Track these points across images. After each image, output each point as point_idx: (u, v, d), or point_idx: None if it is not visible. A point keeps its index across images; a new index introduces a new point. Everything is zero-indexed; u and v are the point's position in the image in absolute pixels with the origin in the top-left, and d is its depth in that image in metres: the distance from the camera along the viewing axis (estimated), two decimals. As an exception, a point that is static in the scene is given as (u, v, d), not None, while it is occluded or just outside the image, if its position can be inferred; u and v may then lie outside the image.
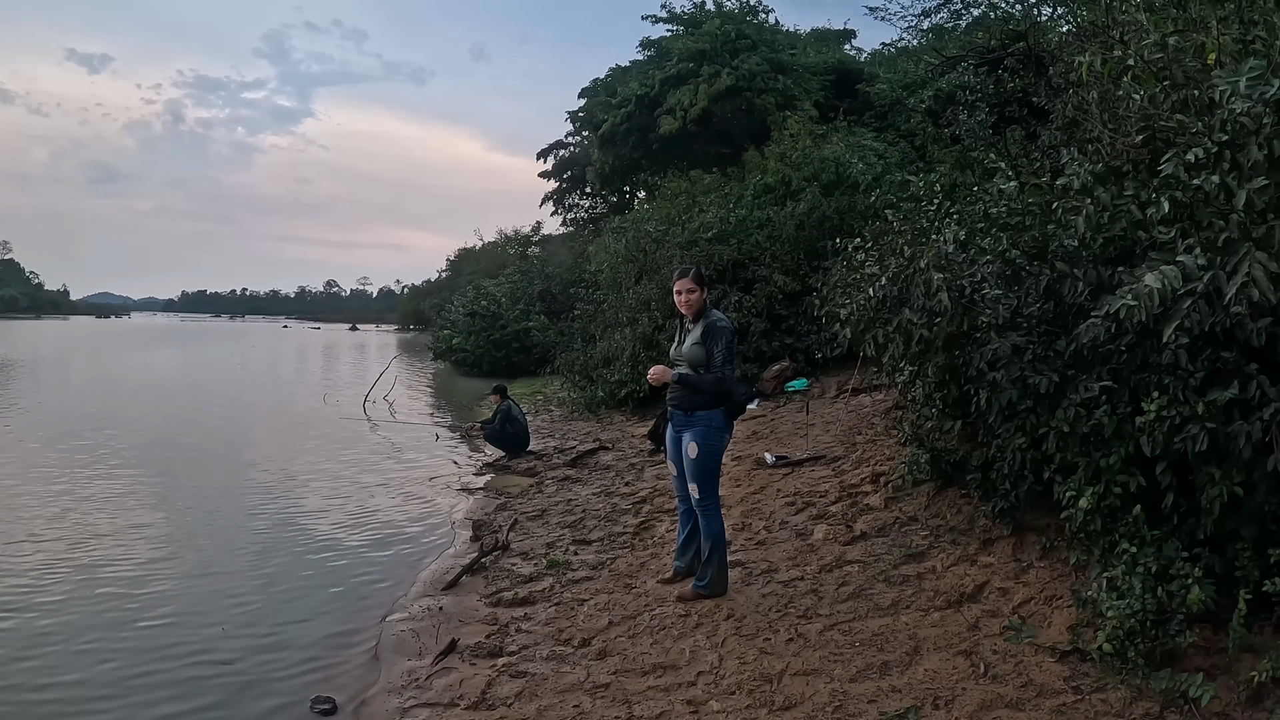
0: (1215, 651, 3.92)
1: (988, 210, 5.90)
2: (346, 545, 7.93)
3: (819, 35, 33.21)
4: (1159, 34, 4.51)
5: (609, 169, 30.27)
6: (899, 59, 23.67)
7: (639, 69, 30.14)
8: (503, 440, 12.37)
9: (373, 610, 6.22)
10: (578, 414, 16.10)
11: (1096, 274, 4.71)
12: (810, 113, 21.34)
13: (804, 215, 14.84)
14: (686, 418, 5.48)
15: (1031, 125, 10.57)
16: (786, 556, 6.22)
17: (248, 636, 5.72)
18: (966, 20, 19.88)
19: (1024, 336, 5.02)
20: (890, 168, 15.89)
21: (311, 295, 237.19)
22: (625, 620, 5.44)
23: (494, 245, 48.80)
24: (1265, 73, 3.60)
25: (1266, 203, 3.47)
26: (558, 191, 42.14)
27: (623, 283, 17.22)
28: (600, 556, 6.95)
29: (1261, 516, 3.97)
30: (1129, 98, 4.70)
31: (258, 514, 9.00)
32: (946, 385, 5.94)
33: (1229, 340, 3.94)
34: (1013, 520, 5.55)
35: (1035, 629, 4.53)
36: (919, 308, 5.34)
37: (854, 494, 7.22)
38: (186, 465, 11.67)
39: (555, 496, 9.47)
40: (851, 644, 4.67)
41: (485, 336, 28.12)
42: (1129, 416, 4.33)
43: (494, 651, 5.16)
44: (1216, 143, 3.69)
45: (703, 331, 5.43)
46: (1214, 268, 3.50)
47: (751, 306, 14.31)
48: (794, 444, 9.59)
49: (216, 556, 7.43)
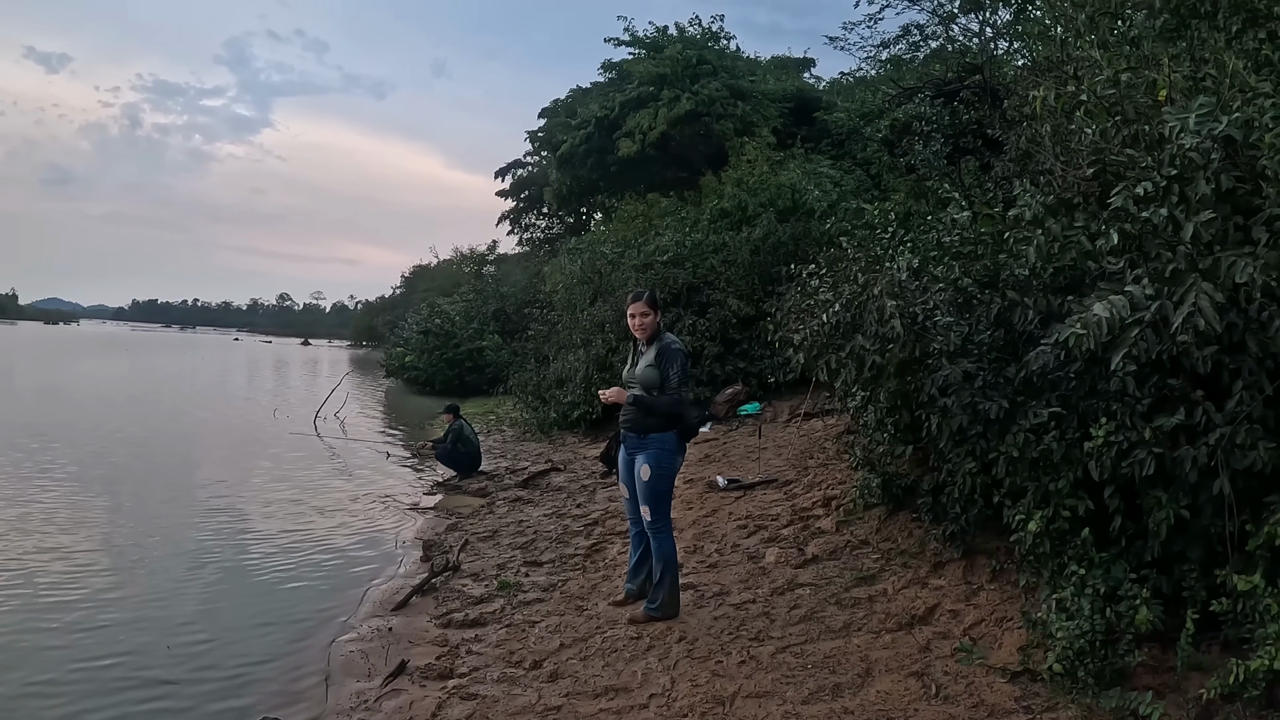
0: (1164, 670, 3.98)
1: (941, 239, 5.98)
2: (295, 564, 7.78)
3: (779, 63, 33.62)
4: (1112, 70, 4.62)
5: (567, 190, 30.30)
6: (857, 88, 24.07)
7: (599, 91, 30.29)
8: (454, 460, 12.27)
9: (321, 631, 6.11)
10: (530, 435, 16.03)
11: (1046, 302, 4.80)
12: (768, 139, 21.54)
13: (759, 240, 14.95)
14: (639, 440, 5.48)
15: (985, 156, 10.79)
16: (738, 579, 6.22)
17: (193, 657, 5.58)
18: (924, 52, 20.29)
19: (975, 363, 5.09)
20: (846, 195, 16.10)
21: (264, 308, 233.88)
22: (577, 642, 5.40)
23: (449, 263, 48.68)
24: (1214, 110, 3.70)
25: (1213, 235, 3.56)
26: (515, 211, 42.14)
27: (577, 304, 17.22)
28: (552, 578, 6.90)
29: (1208, 538, 4.05)
30: (1081, 132, 4.80)
31: (205, 532, 8.80)
32: (898, 410, 5.99)
33: (1176, 368, 4.03)
34: (963, 543, 5.60)
35: (986, 650, 4.57)
36: (872, 334, 5.39)
37: (806, 517, 7.24)
38: (132, 481, 11.38)
39: (507, 517, 9.39)
40: (804, 666, 4.67)
41: (438, 355, 27.97)
42: (1077, 442, 4.40)
43: (444, 673, 5.09)
44: (1165, 177, 3.78)
45: (657, 354, 5.44)
46: (1161, 298, 3.58)
47: (706, 330, 14.35)
48: (746, 467, 9.62)
49: (161, 576, 7.24)
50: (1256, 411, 3.76)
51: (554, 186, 31.03)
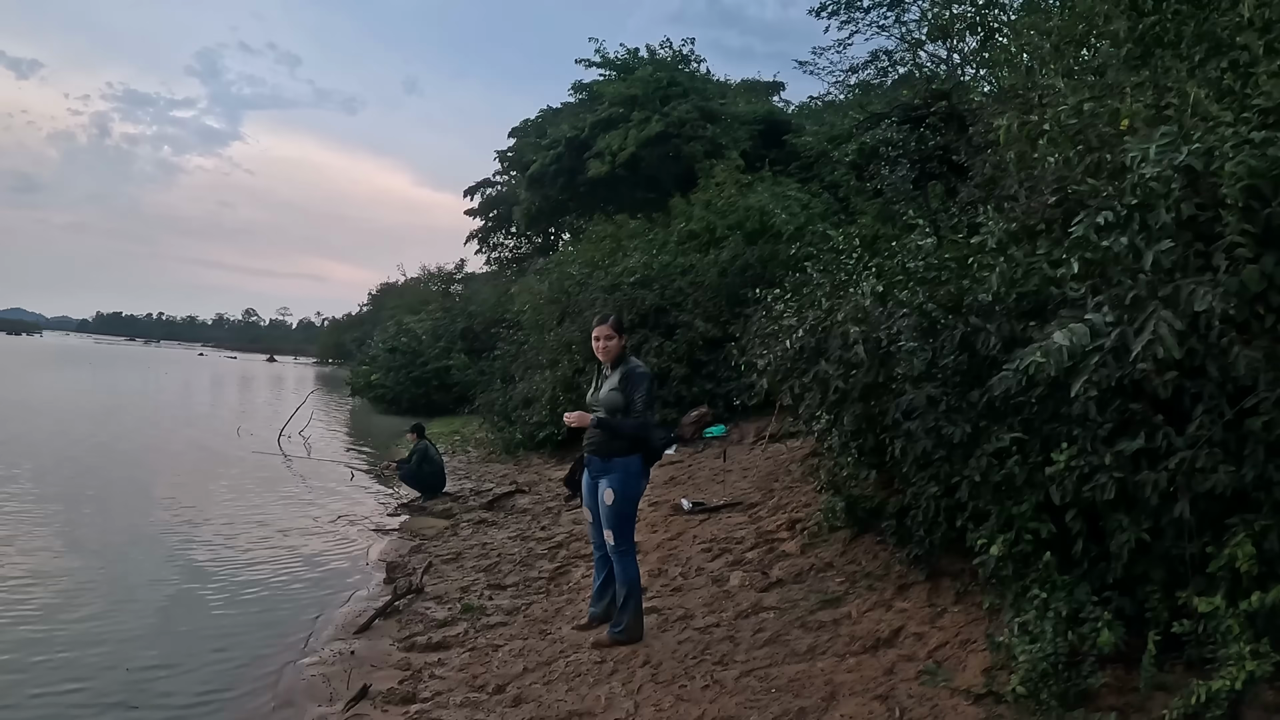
0: (1127, 691, 3.99)
1: (906, 264, 6.03)
2: (257, 586, 7.69)
3: (749, 86, 33.96)
4: (1075, 100, 4.69)
5: (535, 209, 30.35)
6: (825, 112, 24.31)
7: (570, 111, 30.41)
8: (419, 480, 12.17)
9: (283, 654, 6.04)
10: (495, 455, 15.97)
11: (1010, 328, 4.83)
12: (737, 161, 21.69)
13: (727, 263, 15.04)
14: (604, 463, 5.46)
15: (951, 182, 10.88)
16: (703, 603, 6.19)
17: (153, 681, 5.50)
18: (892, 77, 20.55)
19: (939, 388, 5.11)
20: (814, 218, 16.21)
21: (229, 323, 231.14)
22: (540, 666, 5.35)
23: (417, 281, 48.42)
24: (1176, 139, 3.75)
25: (1173, 263, 3.60)
26: (483, 230, 42.12)
27: (544, 324, 17.21)
28: (515, 601, 6.85)
29: (1169, 560, 4.08)
30: (1044, 160, 4.86)
31: (165, 553, 8.67)
32: (863, 434, 6.01)
33: (1137, 392, 4.07)
34: (927, 566, 5.61)
35: (950, 672, 4.57)
36: (836, 359, 5.41)
37: (770, 540, 7.24)
38: (93, 500, 11.20)
39: (471, 539, 9.33)
40: (768, 690, 4.65)
41: (405, 373, 27.84)
42: (1040, 466, 4.43)
43: (407, 698, 5.04)
44: (1126, 205, 3.82)
45: (621, 378, 5.43)
46: (1121, 325, 3.61)
47: (672, 352, 14.38)
48: (711, 490, 9.61)
49: (121, 597, 7.12)
50: (1217, 435, 3.80)
51: (523, 206, 31.07)
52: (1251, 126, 3.77)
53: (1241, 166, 3.50)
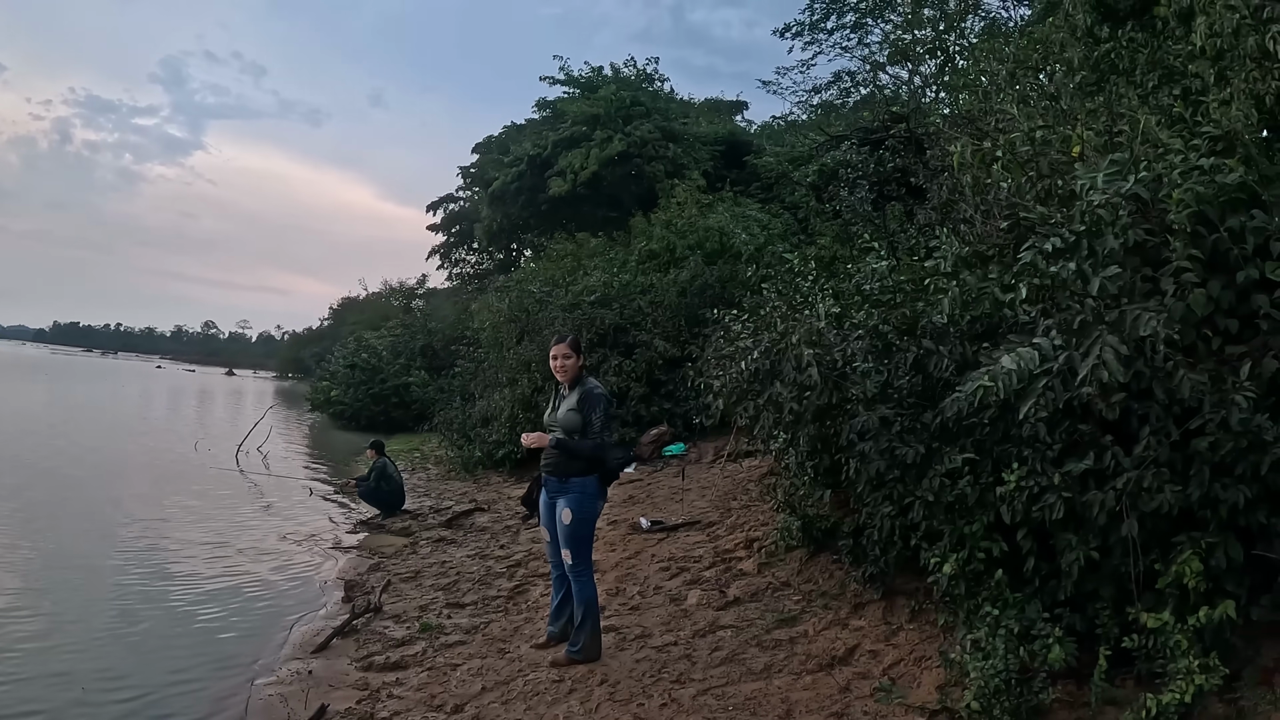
0: (1079, 705, 4.07)
1: (861, 286, 6.11)
2: (214, 605, 7.58)
3: (712, 105, 34.27)
4: (1029, 126, 4.79)
5: (497, 226, 30.34)
6: (787, 133, 24.55)
7: (533, 128, 30.49)
8: (377, 498, 12.08)
9: (240, 673, 5.97)
10: (455, 473, 15.88)
11: (962, 350, 4.93)
12: (698, 181, 21.84)
13: (686, 283, 15.12)
14: (561, 484, 5.46)
15: (909, 204, 11.02)
16: (660, 621, 6.21)
17: (108, 700, 5.42)
18: (854, 98, 20.82)
19: (892, 409, 5.19)
20: (773, 238, 16.35)
21: (188, 335, 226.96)
22: (499, 686, 5.34)
23: (378, 296, 48.11)
24: (1124, 168, 3.86)
25: (1120, 288, 3.70)
26: (445, 245, 41.99)
27: (504, 342, 17.16)
28: (474, 620, 6.83)
29: (1118, 577, 4.16)
30: (998, 185, 4.96)
31: (121, 571, 8.52)
32: (818, 454, 6.08)
33: (1086, 414, 4.17)
34: (882, 585, 5.67)
35: (905, 689, 4.62)
36: (790, 381, 5.46)
37: (728, 559, 7.27)
38: (47, 516, 10.96)
39: (430, 558, 9.28)
40: (725, 708, 4.67)
41: (364, 390, 27.61)
42: (991, 486, 4.51)
43: (365, 717, 5.02)
44: (1075, 232, 3.92)
45: (579, 399, 5.45)
46: (1069, 349, 3.70)
47: (631, 371, 14.41)
48: (670, 509, 9.64)
49: (76, 616, 7.00)
50: (1163, 456, 3.89)
51: (485, 223, 31.04)
52: (1201, 153, 3.90)
53: (1189, 194, 3.61)
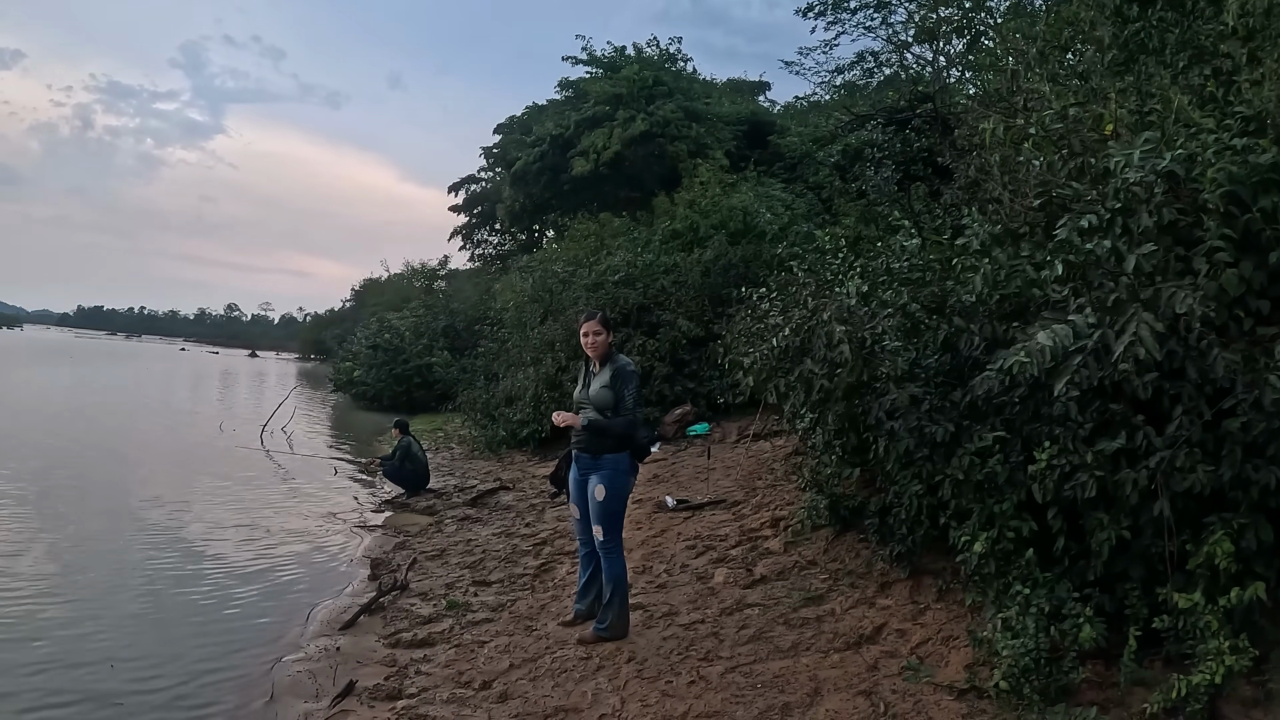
0: (1108, 686, 4.06)
1: (890, 265, 6.07)
2: (240, 582, 7.64)
3: (734, 86, 34.04)
4: (1060, 104, 4.74)
5: (519, 207, 30.30)
6: (810, 113, 24.36)
7: (555, 109, 30.38)
8: (402, 477, 12.15)
9: (268, 650, 6.01)
10: (479, 452, 15.93)
11: (992, 329, 4.90)
12: (721, 161, 21.73)
13: (710, 262, 15.06)
14: (593, 461, 5.48)
15: (935, 184, 10.93)
16: (687, 599, 6.23)
17: (138, 676, 5.47)
18: (878, 78, 20.62)
19: (922, 387, 5.16)
20: (797, 218, 16.27)
21: (211, 318, 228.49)
22: (526, 663, 5.37)
23: (400, 277, 48.18)
24: (1158, 145, 3.81)
25: (1154, 266, 3.67)
26: (467, 226, 41.98)
27: (527, 322, 17.18)
28: (500, 598, 6.87)
29: (1149, 558, 4.15)
30: (1029, 163, 4.91)
31: (149, 550, 8.59)
32: (846, 433, 6.06)
33: (1117, 393, 4.14)
34: (910, 564, 5.67)
35: (933, 668, 4.62)
36: (820, 358, 5.45)
37: (754, 538, 7.28)
38: (75, 497, 11.05)
39: (455, 536, 9.33)
40: (752, 686, 4.69)
41: (387, 370, 27.69)
42: (1021, 465, 4.50)
43: (393, 694, 5.05)
44: (1109, 209, 3.89)
45: (612, 375, 5.45)
46: (1103, 326, 3.67)
47: (655, 350, 14.39)
48: (695, 488, 9.65)
49: (105, 594, 7.07)
50: (1195, 436, 3.86)
51: (507, 203, 30.99)
52: (1233, 133, 3.84)
53: (1222, 173, 3.56)
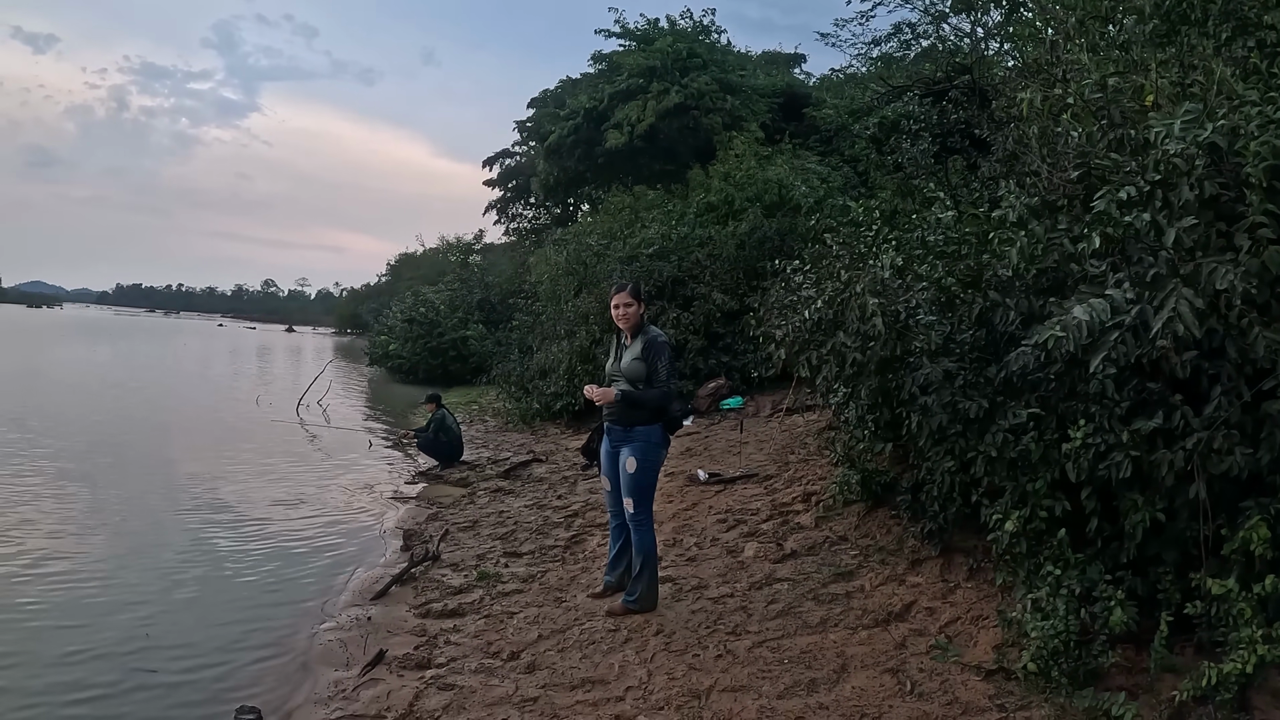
0: (1137, 671, 4.01)
1: (925, 238, 5.99)
2: (274, 552, 7.75)
3: (769, 58, 33.67)
4: (1100, 74, 4.63)
5: (554, 180, 30.21)
6: (846, 85, 24.01)
7: (588, 82, 30.19)
8: (436, 449, 12.25)
9: (300, 619, 6.10)
10: (512, 425, 16.02)
11: (1028, 304, 4.82)
12: (756, 134, 21.53)
13: (745, 235, 14.96)
14: (625, 433, 5.48)
15: (972, 156, 10.76)
16: (717, 573, 6.23)
17: (172, 644, 5.55)
18: (915, 50, 20.27)
19: (956, 363, 5.11)
20: (833, 191, 16.10)
21: (248, 294, 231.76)
22: (555, 634, 5.40)
23: (435, 251, 48.45)
24: (1200, 116, 3.71)
25: (1195, 241, 3.58)
26: (501, 200, 42.00)
27: (562, 295, 17.19)
28: (531, 569, 6.90)
29: (1183, 541, 4.08)
30: (1067, 134, 4.81)
31: (185, 520, 8.75)
32: (879, 408, 6.01)
33: (1155, 372, 4.06)
34: (941, 541, 5.63)
35: (961, 648, 4.59)
36: (854, 331, 5.40)
37: (785, 513, 7.27)
38: (112, 469, 11.26)
39: (487, 508, 9.39)
40: (780, 661, 4.69)
41: (422, 344, 27.90)
42: (1055, 443, 4.43)
43: (422, 663, 5.09)
44: (1149, 182, 3.79)
45: (644, 347, 5.43)
46: (1142, 302, 3.60)
47: (689, 324, 14.36)
48: (727, 462, 9.64)
49: (140, 564, 7.19)
50: (1234, 417, 3.79)
51: (541, 177, 30.92)
52: (1277, 106, 3.73)
53: (1266, 146, 3.46)
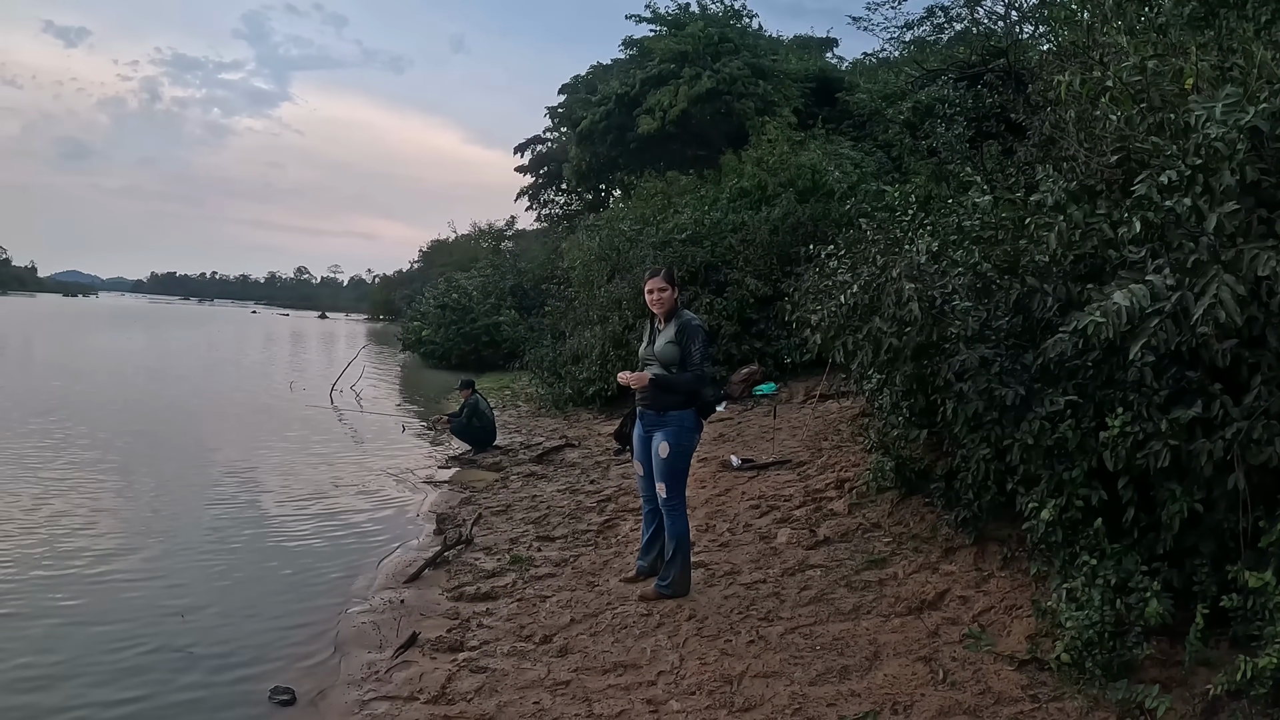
0: (1171, 664, 3.98)
1: (961, 223, 5.94)
2: (309, 536, 7.84)
3: (801, 42, 33.44)
4: (1138, 57, 4.56)
5: (586, 166, 30.24)
6: (880, 69, 23.84)
7: (620, 68, 30.14)
8: (469, 434, 12.32)
9: (333, 601, 6.16)
10: (545, 410, 16.06)
11: (1066, 290, 4.77)
12: (789, 119, 21.42)
13: (778, 220, 14.88)
14: (658, 417, 5.48)
15: (1008, 141, 10.66)
16: (749, 559, 6.24)
17: (207, 626, 5.63)
18: (949, 34, 20.06)
19: (992, 349, 5.06)
20: (866, 177, 15.99)
21: (282, 281, 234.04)
22: (587, 618, 5.43)
23: (467, 238, 48.67)
24: (1241, 100, 3.64)
25: (1236, 227, 3.52)
26: (534, 187, 42.02)
27: (595, 281, 17.17)
28: (563, 553, 6.94)
29: (1220, 533, 4.03)
30: (1106, 118, 4.74)
31: (220, 504, 8.86)
32: (914, 394, 5.97)
33: (1194, 360, 4.01)
34: (975, 530, 5.60)
35: (994, 637, 4.57)
36: (889, 316, 5.36)
37: (818, 499, 7.25)
38: (148, 454, 11.42)
39: (520, 492, 9.43)
40: (812, 647, 4.69)
41: (455, 329, 28.03)
42: (1093, 431, 4.38)
43: (455, 646, 5.13)
44: (1190, 166, 3.73)
45: (677, 330, 5.43)
46: (1182, 288, 3.54)
47: (723, 309, 14.31)
48: (760, 448, 9.62)
49: (176, 546, 7.30)
50: (1275, 407, 3.73)
51: (573, 163, 30.95)
52: (1318, 91, 3.66)
53: (1308, 130, 3.40)
